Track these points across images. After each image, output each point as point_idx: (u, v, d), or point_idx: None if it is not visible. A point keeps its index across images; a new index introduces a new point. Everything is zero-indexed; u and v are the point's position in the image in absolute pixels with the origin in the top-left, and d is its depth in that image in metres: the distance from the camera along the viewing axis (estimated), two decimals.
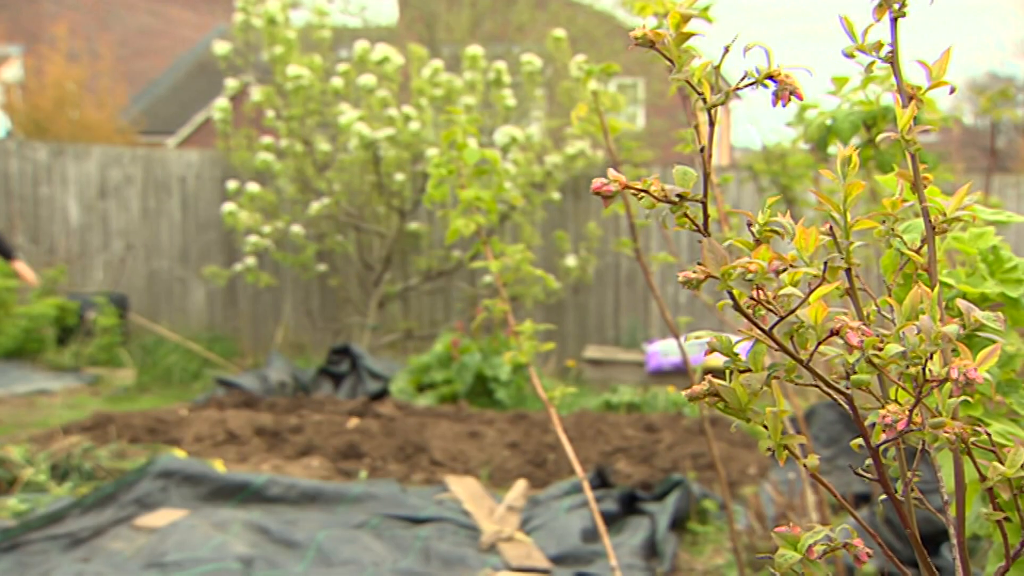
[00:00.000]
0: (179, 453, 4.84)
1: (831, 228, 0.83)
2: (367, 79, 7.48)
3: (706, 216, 0.73)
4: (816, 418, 5.11)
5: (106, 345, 8.27)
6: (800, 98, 0.72)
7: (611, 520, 4.09)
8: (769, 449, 0.80)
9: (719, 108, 0.76)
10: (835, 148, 2.25)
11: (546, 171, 8.10)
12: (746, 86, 0.72)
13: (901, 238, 0.91)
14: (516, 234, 8.23)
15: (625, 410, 6.89)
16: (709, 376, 0.79)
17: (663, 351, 7.84)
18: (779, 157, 4.99)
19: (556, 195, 8.20)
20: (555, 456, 5.37)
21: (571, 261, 8.36)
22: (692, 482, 4.41)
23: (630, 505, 4.29)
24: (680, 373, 7.74)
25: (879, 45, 0.81)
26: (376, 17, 15.84)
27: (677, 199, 0.71)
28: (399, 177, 7.82)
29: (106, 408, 6.50)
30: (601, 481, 4.59)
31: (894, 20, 0.81)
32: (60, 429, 5.45)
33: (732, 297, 0.72)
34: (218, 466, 4.56)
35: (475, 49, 7.80)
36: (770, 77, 0.72)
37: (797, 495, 3.82)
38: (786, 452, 0.79)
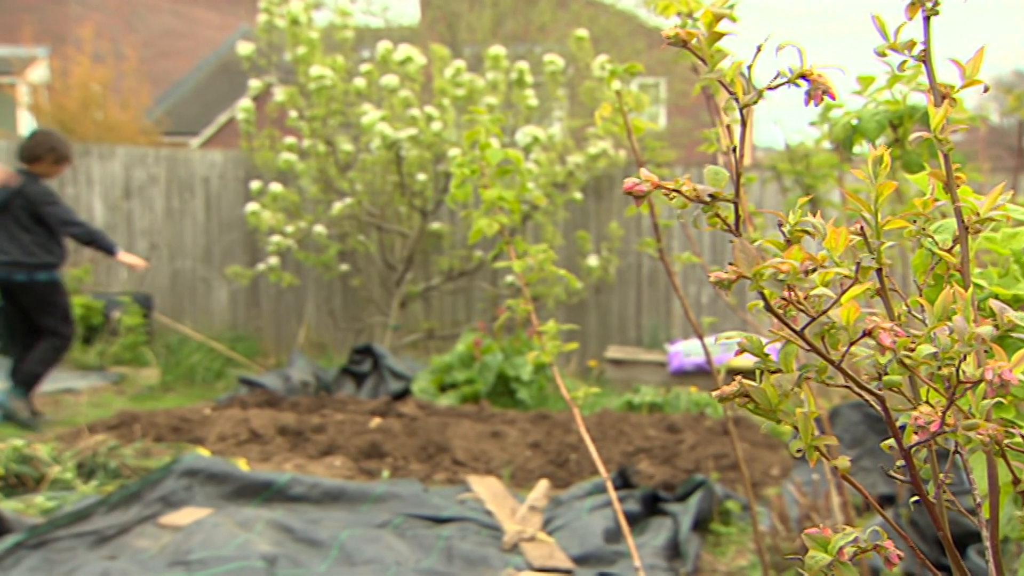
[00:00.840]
0: (203, 452, 4.87)
1: (862, 228, 0.82)
2: (390, 79, 7.50)
3: (738, 216, 0.72)
4: (840, 419, 5.08)
5: (131, 344, 8.33)
6: (833, 97, 0.71)
7: (633, 520, 4.08)
8: (800, 450, 0.79)
9: (748, 108, 0.76)
10: (860, 148, 2.24)
11: (568, 171, 8.09)
12: (779, 85, 0.72)
13: (933, 238, 0.90)
14: (537, 234, 8.23)
15: (647, 410, 6.88)
16: (739, 377, 0.79)
17: (685, 351, 7.82)
18: (803, 157, 4.96)
19: (578, 195, 8.19)
20: (577, 456, 5.37)
21: (593, 261, 8.35)
22: (715, 483, 4.39)
23: (652, 506, 4.28)
24: (702, 373, 7.71)
25: (911, 44, 0.81)
26: (398, 17, 15.86)
27: (709, 199, 0.71)
28: (421, 177, 7.84)
29: (131, 407, 6.55)
30: (623, 482, 4.58)
31: (927, 19, 0.81)
32: (86, 427, 5.50)
33: (763, 297, 0.72)
34: (242, 465, 4.58)
35: (498, 49, 7.81)
36: (803, 76, 0.71)
37: (821, 496, 3.80)
38: (817, 453, 0.79)
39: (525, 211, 7.65)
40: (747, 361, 6.96)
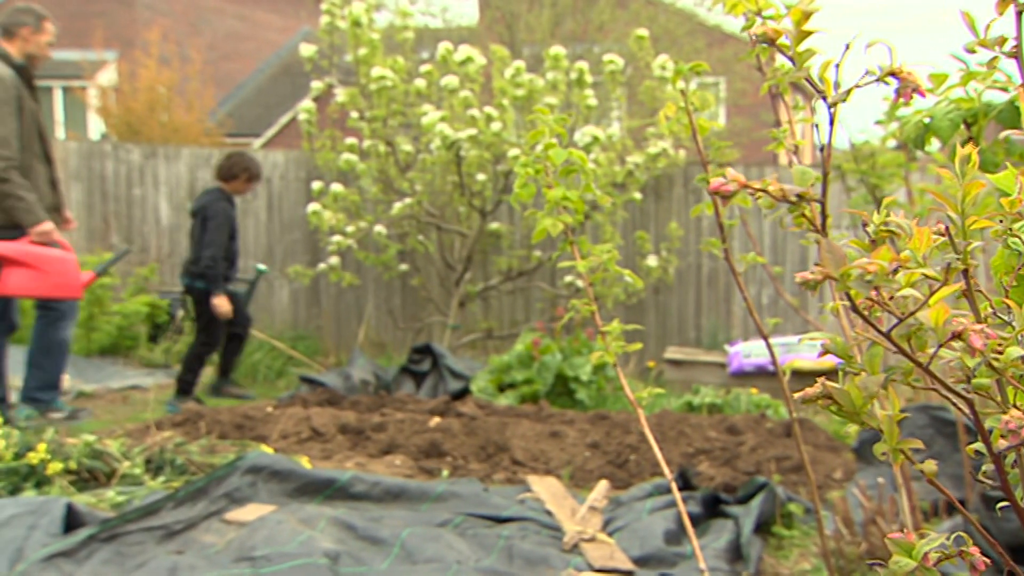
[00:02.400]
0: (266, 449, 4.93)
1: (946, 228, 0.80)
2: (450, 80, 7.53)
3: (824, 216, 0.72)
4: (905, 422, 5.00)
5: None
6: (923, 95, 0.70)
7: (694, 522, 4.05)
8: (884, 453, 0.78)
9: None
10: (931, 147, 2.19)
11: (627, 171, 8.06)
12: (868, 83, 0.71)
13: (1020, 238, 0.88)
14: (596, 234, 8.21)
15: (707, 411, 6.82)
16: (822, 378, 0.78)
17: (745, 352, 7.75)
18: (868, 156, 4.88)
19: (637, 195, 8.16)
20: (636, 457, 5.35)
21: (652, 261, 8.31)
22: (776, 485, 4.34)
23: (713, 508, 4.24)
24: (762, 374, 7.63)
25: (1002, 40, 0.79)
26: (457, 18, 15.93)
27: (796, 199, 0.70)
28: (480, 177, 7.86)
29: (195, 404, 6.66)
30: (684, 483, 4.55)
31: (1019, 14, 0.79)
32: (153, 424, 5.61)
33: (849, 298, 0.71)
34: (304, 463, 4.63)
35: (558, 49, 7.80)
36: (892, 74, 0.70)
37: (886, 500, 3.74)
38: (901, 456, 0.78)
39: (586, 211, 7.64)
40: (809, 363, 6.88)
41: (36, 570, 3.08)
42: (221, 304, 6.71)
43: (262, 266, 7.83)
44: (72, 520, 3.48)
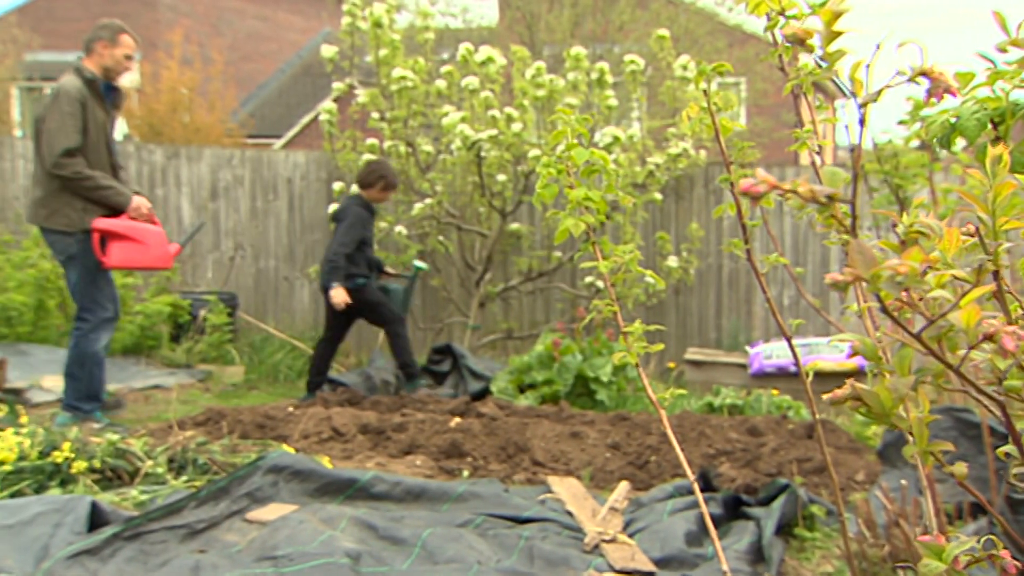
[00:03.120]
0: (288, 449, 4.95)
1: (977, 229, 0.80)
2: (471, 80, 7.53)
3: (855, 217, 0.71)
4: (930, 425, 4.96)
5: (216, 342, 8.51)
6: (955, 95, 0.70)
7: (715, 524, 4.03)
8: (913, 455, 0.78)
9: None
10: (956, 147, 2.18)
11: (648, 171, 8.04)
12: (900, 84, 0.71)
13: None
14: (616, 235, 8.20)
15: (727, 412, 6.80)
16: (851, 380, 0.78)
17: (766, 353, 7.72)
18: (891, 156, 4.85)
19: (658, 196, 8.14)
20: (657, 458, 5.33)
21: (672, 262, 8.28)
22: (798, 487, 4.32)
23: (734, 509, 4.22)
24: (784, 376, 7.60)
25: None
26: (477, 18, 15.94)
27: (827, 200, 0.69)
28: (501, 178, 7.86)
29: (217, 403, 6.70)
30: (705, 484, 4.53)
31: None
32: (175, 423, 5.64)
33: (879, 299, 0.70)
34: (324, 463, 4.65)
35: (578, 49, 7.80)
36: (923, 74, 0.70)
37: (909, 503, 3.71)
38: (931, 458, 0.77)
39: (607, 212, 7.63)
40: (830, 364, 6.84)
41: (61, 568, 3.10)
42: (337, 295, 6.80)
43: (421, 263, 7.79)
44: (96, 518, 3.50)
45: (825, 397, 0.78)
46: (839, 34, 0.71)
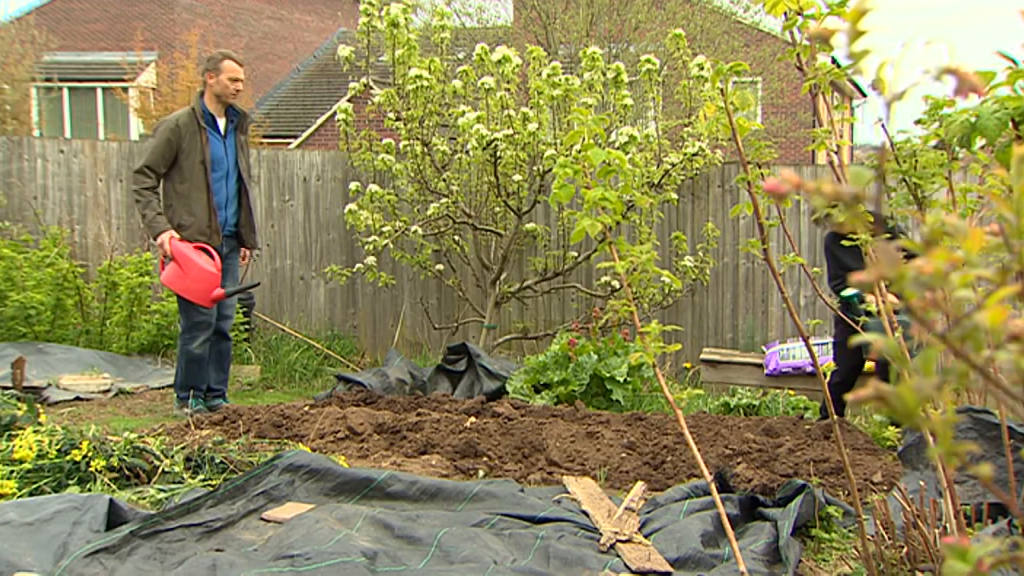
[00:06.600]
0: (304, 448, 4.97)
1: (1001, 228, 0.79)
2: (487, 80, 7.53)
3: (878, 217, 0.71)
4: None
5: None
6: (980, 94, 0.69)
7: (732, 524, 4.02)
8: (937, 456, 0.77)
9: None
10: (975, 146, 2.17)
11: (664, 171, 8.03)
12: (925, 82, 0.70)
13: None
14: (631, 235, 8.18)
15: (743, 413, 6.78)
16: (874, 380, 0.77)
17: (782, 353, 7.69)
18: (909, 156, 4.82)
19: (674, 195, 8.12)
20: (673, 458, 5.32)
21: (688, 262, 8.26)
22: (815, 488, 4.30)
23: (751, 510, 4.21)
24: (800, 376, 7.57)
25: None
26: (492, 18, 15.94)
27: (851, 199, 0.69)
28: (516, 177, 7.86)
29: (233, 402, 6.72)
30: (721, 485, 4.52)
31: None
32: (192, 422, 5.66)
33: (904, 299, 0.70)
34: (340, 462, 4.66)
35: (594, 49, 7.79)
36: (949, 72, 0.69)
37: (928, 504, 3.69)
38: (955, 459, 0.76)
39: (623, 211, 7.61)
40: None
41: (80, 565, 3.12)
42: None
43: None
44: (114, 516, 3.52)
45: (848, 397, 0.77)
46: (863, 33, 0.70)
